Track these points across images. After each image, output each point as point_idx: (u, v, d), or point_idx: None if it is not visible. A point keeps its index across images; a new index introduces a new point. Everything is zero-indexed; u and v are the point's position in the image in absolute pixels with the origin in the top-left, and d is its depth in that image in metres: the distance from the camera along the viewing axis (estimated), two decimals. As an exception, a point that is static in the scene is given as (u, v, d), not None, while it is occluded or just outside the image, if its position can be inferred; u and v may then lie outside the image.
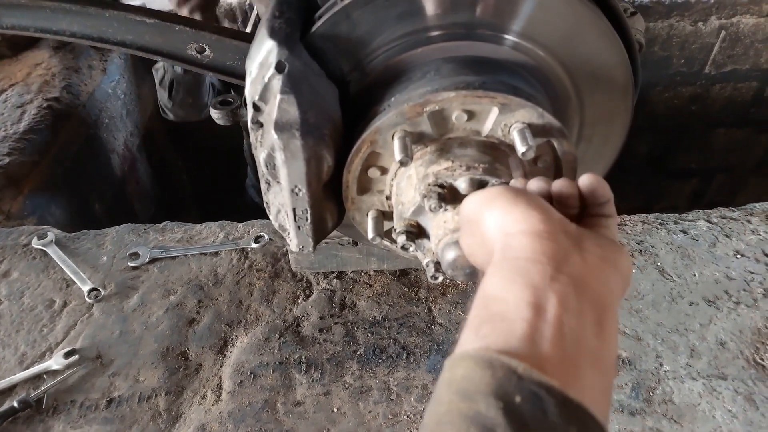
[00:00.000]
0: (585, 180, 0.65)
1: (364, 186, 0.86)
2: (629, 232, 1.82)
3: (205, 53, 1.16)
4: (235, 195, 3.78)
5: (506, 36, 0.81)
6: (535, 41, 0.82)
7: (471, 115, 0.77)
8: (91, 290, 1.57)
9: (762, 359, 1.42)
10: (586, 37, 0.82)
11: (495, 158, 0.77)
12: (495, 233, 0.58)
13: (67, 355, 1.39)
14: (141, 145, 2.86)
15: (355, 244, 1.50)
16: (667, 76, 3.85)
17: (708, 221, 1.86)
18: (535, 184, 0.66)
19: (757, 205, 1.94)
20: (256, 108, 0.75)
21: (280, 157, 0.75)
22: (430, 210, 0.75)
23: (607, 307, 0.54)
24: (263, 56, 0.74)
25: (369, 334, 1.49)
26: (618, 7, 0.85)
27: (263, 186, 0.85)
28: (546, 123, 0.76)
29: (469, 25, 0.79)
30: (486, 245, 0.60)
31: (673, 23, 3.56)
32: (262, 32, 0.75)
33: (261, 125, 0.76)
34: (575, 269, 0.53)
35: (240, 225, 1.78)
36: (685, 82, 3.90)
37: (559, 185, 0.65)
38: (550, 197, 0.65)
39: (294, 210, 0.81)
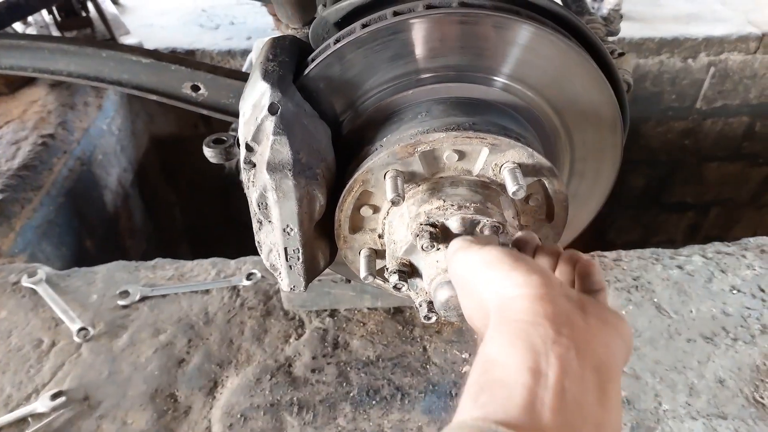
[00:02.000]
0: (582, 266, 0.65)
1: (357, 225, 0.86)
2: (625, 267, 1.82)
3: (200, 91, 1.17)
4: (226, 230, 3.78)
5: (496, 78, 0.83)
6: (524, 83, 0.83)
7: (462, 155, 0.77)
8: (80, 329, 1.54)
9: (762, 397, 1.40)
10: (574, 79, 0.83)
11: (486, 197, 0.77)
12: (494, 296, 0.57)
13: (54, 397, 1.36)
14: (134, 180, 2.87)
15: (348, 281, 1.49)
16: (660, 110, 3.93)
17: (703, 256, 1.86)
18: (543, 261, 0.67)
19: (751, 239, 1.94)
20: (249, 148, 0.75)
21: (272, 197, 0.74)
22: (422, 249, 0.74)
23: (611, 372, 0.52)
24: (256, 98, 0.74)
25: (362, 375, 1.46)
26: (604, 49, 0.87)
27: (255, 225, 0.84)
28: (536, 162, 0.76)
29: (459, 67, 0.81)
30: (483, 308, 0.59)
31: (663, 60, 3.65)
32: (256, 74, 0.76)
33: (254, 165, 0.76)
34: (577, 332, 0.51)
35: (232, 262, 1.77)
36: (677, 117, 3.97)
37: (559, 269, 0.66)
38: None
39: (285, 249, 0.80)
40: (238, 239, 2.89)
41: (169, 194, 3.37)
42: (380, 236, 0.87)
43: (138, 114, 3.03)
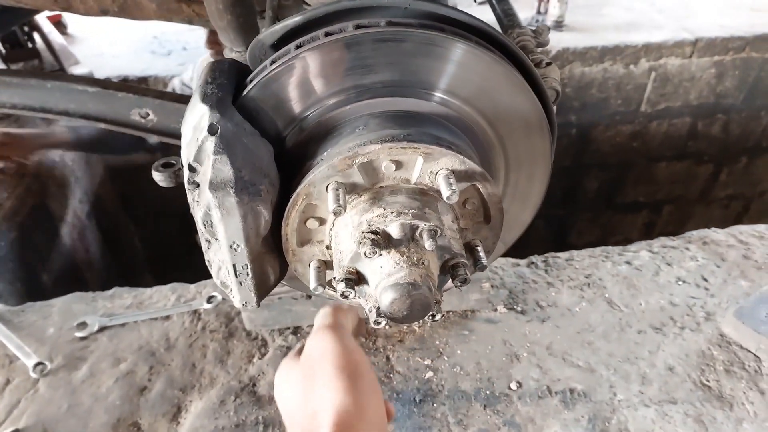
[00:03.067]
0: None
1: (304, 237, 0.88)
2: (577, 266, 1.89)
3: (149, 117, 1.19)
4: (189, 256, 3.72)
5: (427, 91, 0.87)
6: (455, 95, 0.88)
7: (399, 165, 0.81)
8: (36, 365, 1.51)
9: (708, 380, 1.47)
10: (501, 89, 0.88)
11: (424, 203, 0.81)
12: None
13: (9, 435, 1.32)
14: (91, 211, 2.82)
15: (309, 297, 1.51)
16: (607, 115, 4.10)
17: (650, 251, 1.96)
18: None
19: (694, 232, 2.05)
20: (192, 169, 0.77)
21: (216, 215, 0.76)
22: (365, 256, 0.78)
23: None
24: (196, 120, 0.77)
25: (327, 388, 1.47)
26: (527, 60, 0.93)
27: (204, 245, 0.86)
28: (468, 168, 0.81)
29: (393, 82, 0.85)
30: None
31: (607, 67, 3.82)
32: (195, 98, 0.79)
33: (197, 185, 0.78)
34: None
35: (192, 286, 1.76)
36: (624, 121, 4.15)
37: None
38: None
39: (234, 266, 0.82)
40: (201, 264, 2.86)
41: (127, 223, 3.31)
42: (328, 247, 0.90)
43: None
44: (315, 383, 0.79)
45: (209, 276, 1.87)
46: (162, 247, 3.70)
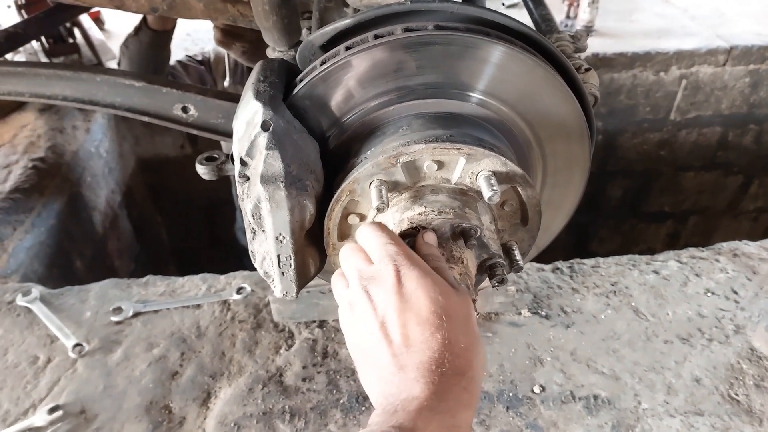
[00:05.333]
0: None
1: (345, 232, 0.91)
2: (603, 273, 1.89)
3: (190, 112, 1.23)
4: (211, 250, 3.81)
5: (470, 93, 0.89)
6: (496, 98, 0.90)
7: (441, 164, 0.83)
8: (75, 345, 1.57)
9: (736, 394, 1.46)
10: (542, 93, 0.90)
11: (464, 203, 0.83)
12: None
13: (51, 411, 1.38)
14: (122, 202, 2.90)
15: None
16: (635, 123, 4.05)
17: (678, 261, 1.94)
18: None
19: (724, 244, 2.03)
20: (243, 163, 0.81)
21: (266, 207, 0.80)
22: (406, 253, 0.80)
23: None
24: (249, 116, 0.80)
25: (352, 382, 1.50)
26: (569, 65, 0.95)
27: (249, 235, 0.89)
28: (509, 170, 0.83)
29: (437, 84, 0.87)
30: None
31: (636, 73, 3.79)
32: (248, 95, 0.82)
33: (248, 179, 0.81)
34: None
35: (222, 277, 1.81)
36: (652, 129, 4.10)
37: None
38: None
39: (278, 257, 0.85)
40: (223, 258, 2.93)
41: (155, 215, 3.39)
42: (367, 243, 0.92)
43: (125, 136, 3.08)
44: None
45: (232, 268, 1.91)
46: (187, 240, 3.78)
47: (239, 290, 1.74)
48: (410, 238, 0.79)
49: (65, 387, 1.48)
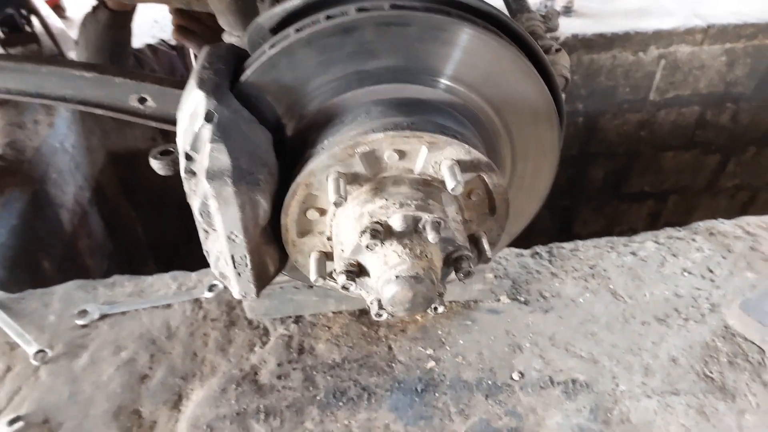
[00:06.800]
0: None
1: (305, 228, 0.87)
2: (582, 257, 1.87)
3: (147, 103, 1.16)
4: (191, 244, 3.71)
5: (433, 78, 0.85)
6: (460, 81, 0.86)
7: (402, 154, 0.79)
8: (37, 352, 1.50)
9: (711, 372, 1.46)
10: (509, 76, 0.86)
11: (428, 194, 0.79)
12: None
13: (11, 422, 1.33)
14: (92, 198, 2.81)
15: (311, 287, 1.50)
16: (615, 104, 4.04)
17: (656, 242, 1.93)
18: None
19: (701, 223, 2.02)
20: (188, 157, 0.76)
21: (213, 205, 0.75)
22: (367, 248, 0.76)
23: None
24: (192, 107, 0.75)
25: (329, 378, 1.47)
26: (537, 47, 0.90)
27: (201, 234, 0.84)
28: (474, 158, 0.78)
29: (396, 68, 0.82)
30: None
31: (615, 54, 3.76)
32: (191, 83, 0.77)
33: (194, 174, 0.76)
34: None
35: (193, 274, 1.75)
36: (632, 109, 4.09)
37: None
38: None
39: (233, 256, 0.80)
40: (203, 253, 2.86)
41: (129, 211, 3.30)
42: (329, 238, 0.88)
43: (92, 130, 2.97)
44: None
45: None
46: (164, 235, 3.69)
47: (211, 287, 1.68)
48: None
49: (27, 396, 1.42)
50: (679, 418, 1.35)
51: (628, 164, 4.41)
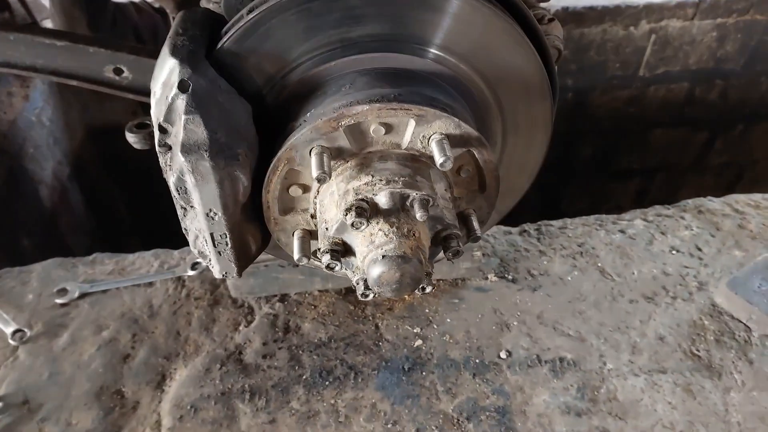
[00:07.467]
0: None
1: (287, 205, 0.83)
2: (570, 235, 1.85)
3: (124, 74, 1.10)
4: (175, 219, 3.64)
5: (422, 47, 0.81)
6: (450, 51, 0.82)
7: (389, 128, 0.75)
8: (15, 332, 1.47)
9: (698, 350, 1.46)
10: (501, 46, 0.82)
11: (416, 171, 0.76)
12: None
13: (-12, 404, 1.29)
14: (72, 174, 2.73)
15: (296, 265, 1.46)
16: (605, 79, 4.00)
17: (645, 220, 1.92)
18: None
19: (689, 201, 2.02)
20: (163, 130, 0.71)
21: (190, 181, 0.71)
22: (352, 226, 0.73)
23: None
24: (166, 76, 0.70)
25: (315, 357, 1.45)
26: (530, 16, 0.86)
27: (179, 212, 0.80)
28: (464, 133, 0.75)
29: (383, 36, 0.78)
30: None
31: (606, 28, 3.70)
32: (164, 51, 0.72)
33: (169, 148, 0.72)
34: None
35: (175, 252, 1.71)
36: (621, 85, 4.06)
37: None
38: None
39: (212, 235, 0.77)
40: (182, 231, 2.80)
41: (111, 187, 3.22)
42: (313, 216, 0.85)
43: (70, 103, 2.87)
44: None
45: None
46: (150, 211, 3.62)
47: (194, 265, 1.65)
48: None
49: (5, 377, 1.38)
50: (665, 396, 1.35)
51: (617, 141, 4.40)
